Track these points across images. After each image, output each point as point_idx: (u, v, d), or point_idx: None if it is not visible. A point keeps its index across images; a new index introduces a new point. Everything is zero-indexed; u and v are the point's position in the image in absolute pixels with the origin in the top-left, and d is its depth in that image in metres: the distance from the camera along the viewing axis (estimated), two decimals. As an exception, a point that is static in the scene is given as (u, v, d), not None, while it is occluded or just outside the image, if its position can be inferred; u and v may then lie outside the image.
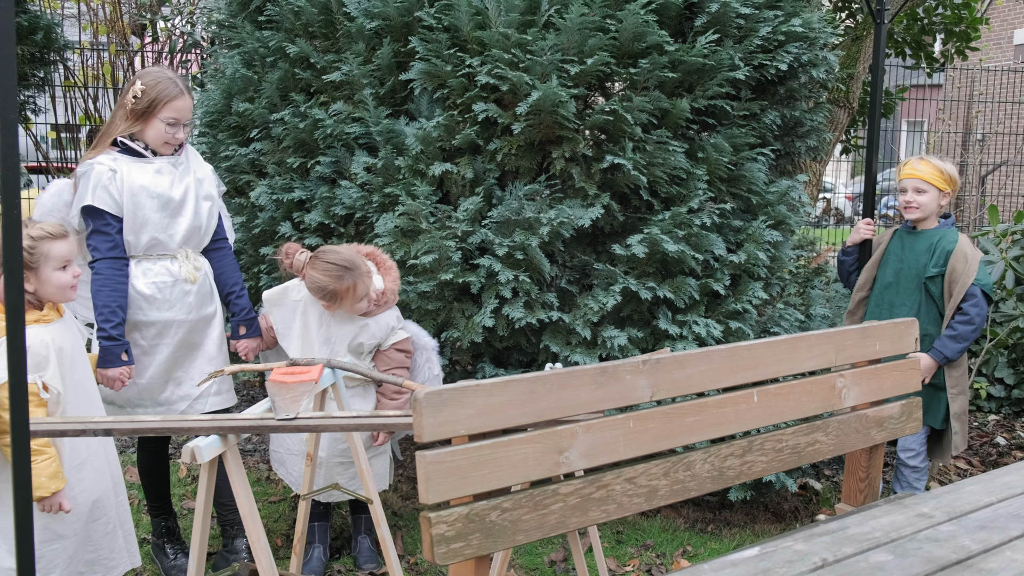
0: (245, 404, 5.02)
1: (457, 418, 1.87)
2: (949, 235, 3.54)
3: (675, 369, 2.22)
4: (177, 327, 3.00)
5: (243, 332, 3.13)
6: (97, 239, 2.88)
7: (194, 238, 3.04)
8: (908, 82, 8.94)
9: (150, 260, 2.97)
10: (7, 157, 1.78)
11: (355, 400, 3.13)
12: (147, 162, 2.96)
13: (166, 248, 2.98)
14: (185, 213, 2.99)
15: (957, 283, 3.45)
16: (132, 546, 2.79)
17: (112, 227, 2.88)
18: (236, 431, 2.24)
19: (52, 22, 5.24)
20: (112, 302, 2.85)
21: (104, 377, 2.85)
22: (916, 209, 3.55)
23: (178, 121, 2.95)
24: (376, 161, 3.46)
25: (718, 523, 3.73)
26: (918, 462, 3.59)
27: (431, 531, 1.83)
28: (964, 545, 1.66)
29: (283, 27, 3.79)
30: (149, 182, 2.92)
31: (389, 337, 3.13)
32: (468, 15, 3.32)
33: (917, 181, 3.54)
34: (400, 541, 3.47)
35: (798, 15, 3.63)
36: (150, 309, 2.95)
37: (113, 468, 2.73)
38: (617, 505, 2.11)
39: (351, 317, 3.07)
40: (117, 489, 2.74)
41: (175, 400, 3.05)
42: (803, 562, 1.58)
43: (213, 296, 3.10)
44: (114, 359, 2.84)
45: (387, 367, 3.11)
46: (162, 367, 3.00)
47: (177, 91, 2.94)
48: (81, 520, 2.58)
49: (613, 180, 3.40)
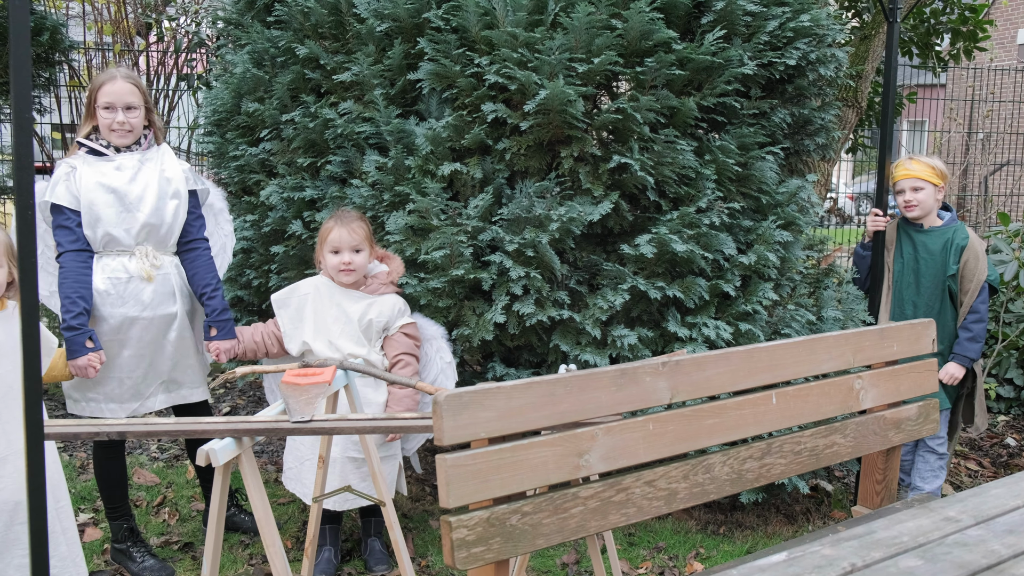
0: (252, 406, 5.00)
1: (477, 421, 1.85)
2: (960, 231, 3.64)
3: (694, 371, 2.20)
4: (132, 323, 3.05)
5: (213, 333, 3.17)
6: (60, 234, 2.99)
7: (154, 235, 3.09)
8: (911, 82, 8.92)
9: (109, 256, 3.05)
10: (21, 157, 1.76)
11: (366, 391, 3.13)
12: (107, 160, 3.07)
13: (122, 244, 3.05)
14: (143, 209, 3.05)
15: (972, 280, 3.56)
16: (77, 555, 2.70)
17: (71, 221, 2.98)
18: (251, 434, 2.21)
19: (58, 23, 5.22)
20: (72, 292, 2.92)
21: (74, 367, 2.91)
22: (916, 207, 3.65)
23: (113, 104, 3.04)
24: (386, 160, 3.44)
25: (730, 525, 3.71)
26: (945, 448, 3.69)
27: (452, 535, 1.81)
28: (994, 550, 1.64)
29: (292, 27, 3.76)
30: (107, 179, 3.02)
31: (396, 320, 3.20)
32: (476, 15, 3.30)
33: (913, 180, 3.64)
34: (411, 543, 3.45)
35: (806, 11, 3.61)
36: (103, 304, 3.02)
37: (51, 470, 2.59)
38: (637, 508, 2.09)
39: (358, 295, 3.18)
40: (56, 493, 2.62)
41: (126, 399, 3.11)
42: (832, 567, 1.56)
43: (176, 296, 3.13)
44: (79, 348, 2.90)
45: (396, 351, 3.17)
46: (116, 363, 3.06)
47: (108, 77, 3.08)
48: (2, 519, 2.49)
49: (621, 181, 3.38)
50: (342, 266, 3.15)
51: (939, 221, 3.69)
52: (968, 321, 3.59)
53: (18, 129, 1.72)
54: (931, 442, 3.67)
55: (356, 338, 3.15)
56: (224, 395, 5.20)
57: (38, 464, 1.79)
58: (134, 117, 3.08)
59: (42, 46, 5.08)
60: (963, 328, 3.59)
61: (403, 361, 3.16)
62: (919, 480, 3.69)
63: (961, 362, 3.58)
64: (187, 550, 3.42)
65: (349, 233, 3.15)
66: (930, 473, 3.67)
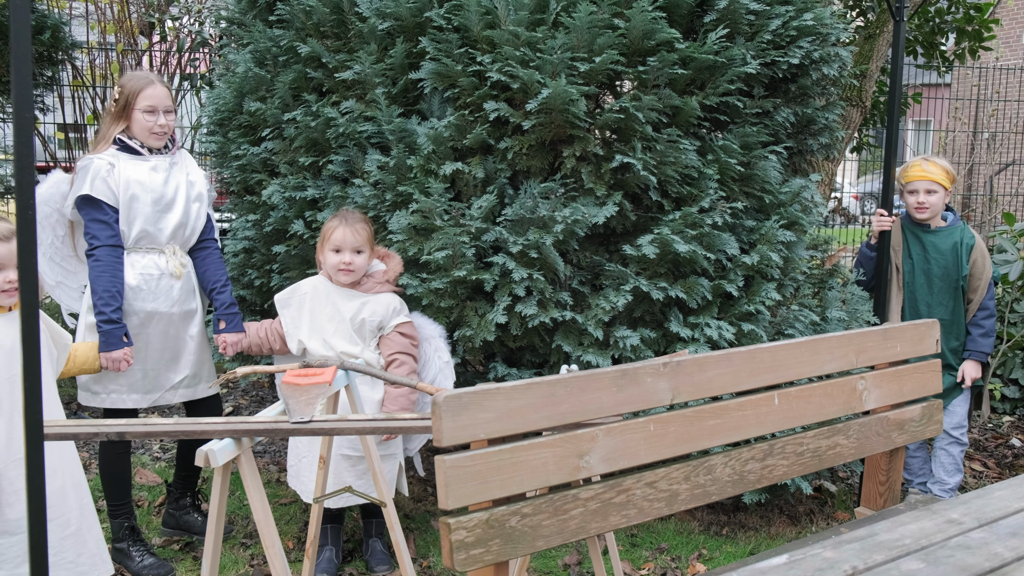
0: (255, 405, 5.00)
1: (477, 422, 1.84)
2: (966, 231, 3.67)
3: (695, 372, 2.19)
4: (159, 319, 3.17)
5: (223, 326, 3.27)
6: (96, 227, 3.05)
7: (180, 235, 3.23)
8: (916, 81, 8.88)
9: (139, 252, 3.15)
10: (22, 156, 1.75)
11: (362, 388, 3.13)
12: (143, 159, 3.15)
13: (155, 242, 3.16)
14: (175, 210, 3.19)
15: (981, 278, 3.60)
16: (103, 552, 2.73)
17: (110, 216, 3.06)
18: (250, 434, 2.21)
19: (60, 21, 5.22)
20: (112, 287, 3.02)
21: (108, 359, 3.00)
22: (927, 209, 3.65)
23: (155, 108, 3.14)
24: (388, 160, 3.44)
25: (733, 526, 3.69)
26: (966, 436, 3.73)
27: (451, 537, 1.80)
28: (997, 553, 1.63)
29: (294, 26, 3.76)
30: (144, 177, 3.12)
31: (391, 318, 3.21)
32: (478, 15, 3.29)
33: (928, 183, 3.63)
34: (412, 544, 3.45)
35: (810, 10, 3.60)
36: (135, 299, 3.11)
37: (71, 468, 2.66)
38: (638, 510, 2.08)
39: (353, 294, 3.20)
40: (78, 491, 2.67)
41: (150, 389, 3.20)
42: (834, 570, 1.55)
43: (195, 293, 3.27)
44: (116, 341, 3.00)
45: (391, 351, 3.19)
46: (142, 356, 3.15)
47: (148, 82, 3.17)
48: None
49: (623, 180, 3.37)
50: (342, 265, 3.15)
51: (943, 222, 3.70)
52: (979, 318, 3.62)
53: (19, 128, 1.71)
54: (955, 431, 3.69)
55: (349, 337, 3.16)
56: (226, 395, 5.19)
57: (38, 465, 1.78)
58: (171, 120, 3.21)
59: (44, 45, 5.09)
60: (974, 325, 3.62)
61: (398, 360, 3.16)
62: (942, 472, 3.70)
63: (978, 358, 3.61)
64: (188, 550, 3.42)
65: (353, 234, 3.16)
66: (953, 466, 3.70)
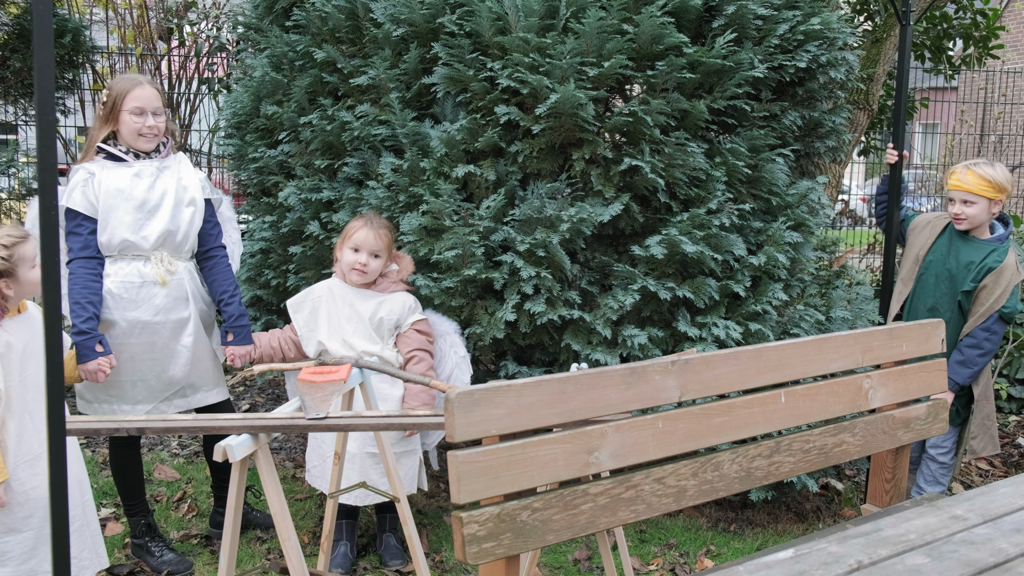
0: (271, 403, 5.06)
1: (488, 418, 1.88)
2: (997, 253, 3.44)
3: (703, 370, 2.23)
4: (142, 328, 3.08)
5: (230, 338, 3.20)
6: (70, 240, 3.01)
7: (170, 241, 3.13)
8: (923, 84, 8.89)
9: (124, 260, 3.08)
10: (45, 159, 1.80)
11: (383, 386, 3.18)
12: (126, 166, 3.10)
13: (139, 249, 3.08)
14: (160, 216, 3.10)
15: (984, 304, 3.41)
16: (99, 547, 2.79)
17: (84, 228, 3.01)
18: (267, 430, 2.26)
19: (80, 25, 5.29)
20: (81, 298, 2.95)
21: (84, 372, 2.93)
22: (964, 220, 3.47)
23: (143, 109, 3.09)
24: (402, 162, 3.49)
25: (740, 522, 3.73)
26: (948, 459, 3.62)
27: (463, 531, 1.84)
28: (1001, 548, 1.66)
29: (310, 31, 3.82)
30: (124, 184, 3.05)
31: (407, 316, 3.26)
32: (489, 21, 3.34)
33: (964, 193, 3.45)
34: (425, 539, 3.50)
35: (817, 14, 3.63)
36: (116, 308, 3.05)
37: (75, 465, 2.68)
38: (646, 505, 2.12)
39: (369, 294, 3.25)
40: (81, 488, 2.73)
41: (140, 400, 3.14)
42: (838, 564, 1.58)
43: (188, 301, 3.16)
44: (89, 352, 2.92)
45: (409, 348, 3.23)
46: (129, 366, 3.09)
47: (135, 83, 3.13)
48: (38, 515, 2.55)
49: (632, 183, 3.41)
50: (357, 265, 3.20)
51: (988, 234, 3.49)
52: (963, 344, 3.42)
53: (42, 131, 1.75)
54: (932, 450, 3.59)
55: (369, 336, 3.21)
56: (243, 393, 5.26)
57: (60, 459, 1.83)
58: (161, 122, 3.15)
59: (64, 48, 5.15)
60: (956, 349, 3.41)
61: (417, 357, 3.21)
62: (922, 481, 3.69)
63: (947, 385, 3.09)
64: (206, 544, 3.48)
65: (375, 238, 3.21)
66: (931, 477, 3.64)
